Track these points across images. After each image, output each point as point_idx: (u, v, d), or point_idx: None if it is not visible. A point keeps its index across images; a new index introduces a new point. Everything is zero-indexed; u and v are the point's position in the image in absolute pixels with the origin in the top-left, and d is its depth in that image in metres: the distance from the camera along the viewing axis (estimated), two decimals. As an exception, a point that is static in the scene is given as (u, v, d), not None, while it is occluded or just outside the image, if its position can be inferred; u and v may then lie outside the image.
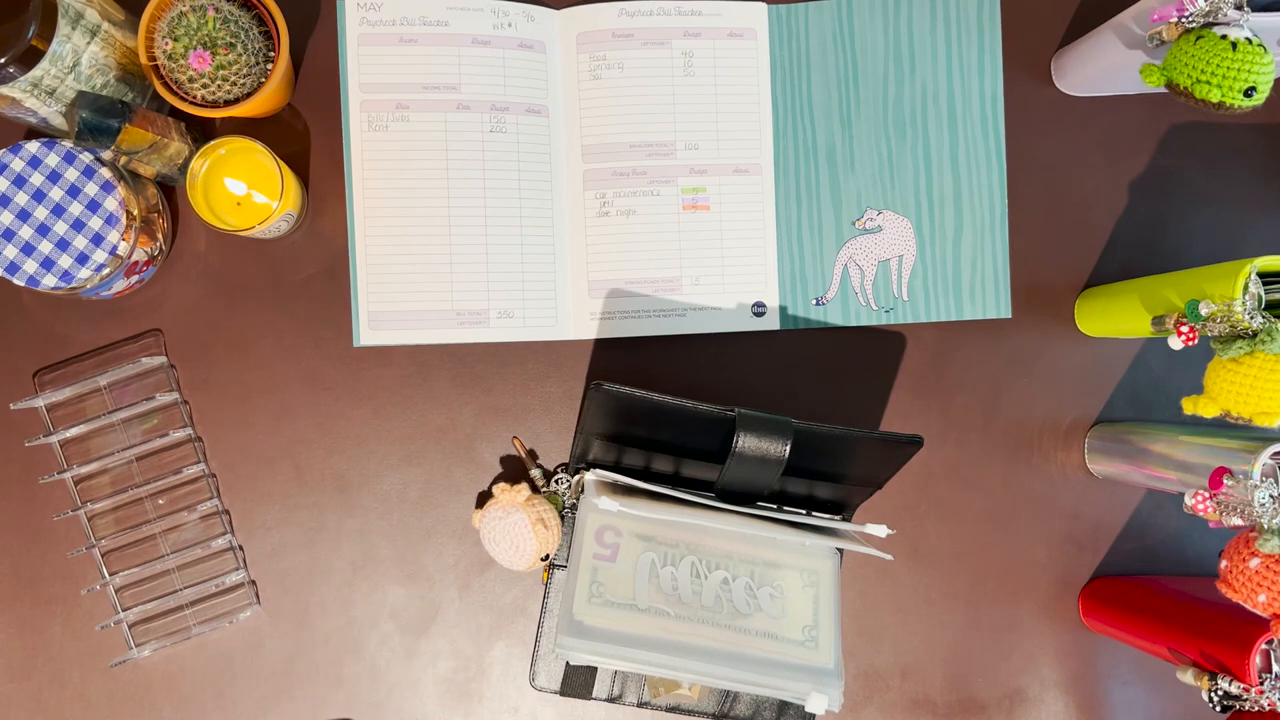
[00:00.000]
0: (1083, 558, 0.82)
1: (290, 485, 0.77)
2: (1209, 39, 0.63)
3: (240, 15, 0.67)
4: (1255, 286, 0.61)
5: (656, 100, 0.80)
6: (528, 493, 0.74)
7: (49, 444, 0.75)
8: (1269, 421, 0.61)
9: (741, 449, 0.67)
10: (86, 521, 0.75)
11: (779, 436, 0.66)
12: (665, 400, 0.65)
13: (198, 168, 0.70)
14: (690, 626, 0.68)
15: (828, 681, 0.68)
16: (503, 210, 0.78)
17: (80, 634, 0.76)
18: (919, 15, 0.81)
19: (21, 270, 0.68)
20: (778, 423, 0.66)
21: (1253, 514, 0.60)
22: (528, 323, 0.78)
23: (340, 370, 0.78)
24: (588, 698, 0.75)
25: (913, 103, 0.81)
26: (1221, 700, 0.65)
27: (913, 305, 0.81)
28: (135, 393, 0.76)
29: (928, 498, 0.81)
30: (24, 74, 0.63)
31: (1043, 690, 0.81)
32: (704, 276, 0.80)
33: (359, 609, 0.77)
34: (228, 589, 0.76)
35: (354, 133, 0.77)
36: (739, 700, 0.75)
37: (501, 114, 0.78)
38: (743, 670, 0.67)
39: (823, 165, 0.81)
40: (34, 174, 0.68)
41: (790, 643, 0.69)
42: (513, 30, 0.79)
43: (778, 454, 0.66)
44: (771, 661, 0.68)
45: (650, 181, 0.80)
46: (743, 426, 0.66)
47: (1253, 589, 0.60)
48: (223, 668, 0.76)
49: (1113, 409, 0.82)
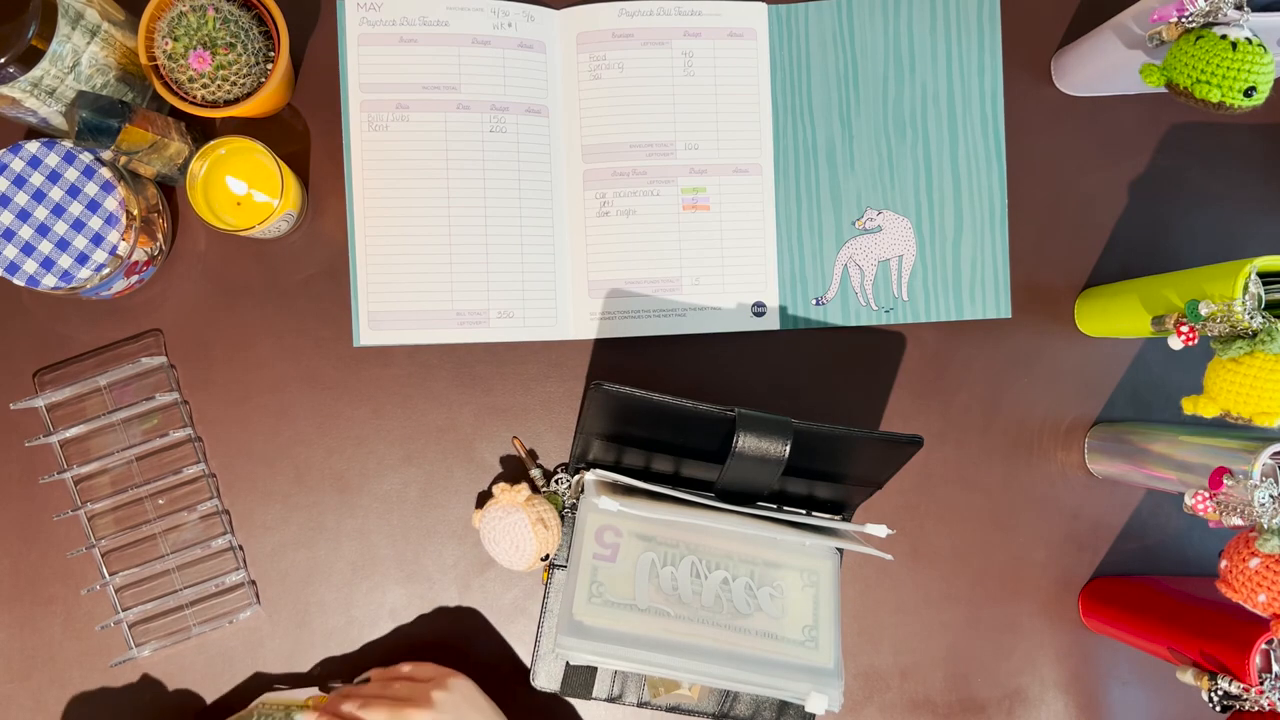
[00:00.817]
0: (1083, 558, 0.82)
1: (290, 485, 0.77)
2: (1209, 39, 0.63)
3: (240, 15, 0.67)
4: (1255, 286, 0.61)
5: (656, 100, 0.80)
6: (528, 493, 0.74)
7: (49, 444, 0.75)
8: (1269, 421, 0.61)
9: (741, 449, 0.67)
10: (86, 521, 0.75)
11: (779, 436, 0.66)
12: (665, 400, 0.65)
13: (198, 168, 0.70)
14: (690, 626, 0.68)
15: (827, 681, 0.68)
16: (503, 210, 0.78)
17: (80, 634, 0.76)
18: (919, 15, 0.81)
19: (21, 270, 0.68)
20: (778, 423, 0.66)
21: (1253, 514, 0.60)
22: (528, 323, 0.78)
23: (340, 370, 0.78)
24: (588, 698, 0.75)
25: (913, 103, 0.81)
26: (1221, 700, 0.65)
27: (913, 305, 0.81)
28: (135, 393, 0.76)
29: (928, 498, 0.81)
30: (24, 74, 0.63)
31: (1043, 690, 0.81)
32: (704, 276, 0.80)
33: (359, 609, 0.77)
34: (228, 589, 0.76)
35: (354, 133, 0.77)
36: (739, 700, 0.75)
37: (501, 114, 0.78)
38: (742, 670, 0.67)
39: (823, 165, 0.81)
40: (34, 174, 0.68)
41: (790, 643, 0.69)
42: (513, 30, 0.79)
43: (777, 454, 0.66)
44: (771, 661, 0.68)
45: (650, 181, 0.80)
46: (743, 426, 0.66)
47: (1253, 589, 0.60)
48: (223, 668, 0.76)
49: (1113, 409, 0.82)
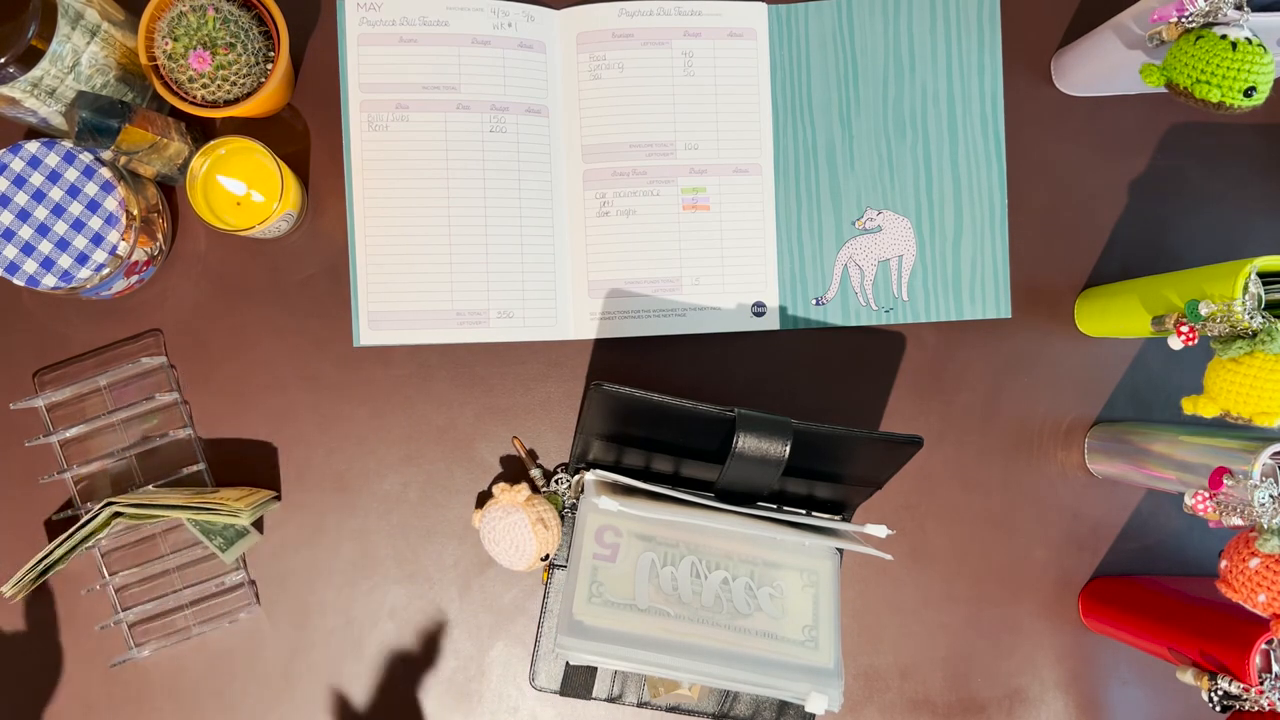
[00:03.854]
0: (1083, 558, 0.82)
1: (290, 485, 0.77)
2: (1209, 39, 0.63)
3: (240, 15, 0.67)
4: (1255, 286, 0.61)
5: (656, 100, 0.80)
6: (528, 493, 0.74)
7: (49, 444, 0.75)
8: (1269, 421, 0.61)
9: (741, 449, 0.67)
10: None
11: (779, 437, 0.66)
12: (665, 400, 0.65)
13: (198, 168, 0.70)
14: (690, 626, 0.68)
15: (827, 681, 0.68)
16: (503, 210, 0.78)
17: (80, 634, 0.76)
18: (919, 15, 0.81)
19: (21, 270, 0.68)
20: (777, 423, 0.66)
21: (1253, 514, 0.60)
22: (528, 323, 0.78)
23: (340, 370, 0.78)
24: (588, 698, 0.75)
25: (912, 103, 0.81)
26: (1221, 700, 0.65)
27: (913, 305, 0.81)
28: (135, 393, 0.76)
29: (928, 498, 0.81)
30: (24, 74, 0.63)
31: (1043, 690, 0.81)
32: (704, 276, 0.80)
33: (359, 609, 0.77)
34: (228, 589, 0.76)
35: (354, 133, 0.77)
36: (739, 700, 0.75)
37: (501, 114, 0.78)
38: (742, 670, 0.67)
39: (823, 165, 0.81)
40: (34, 174, 0.68)
41: (790, 643, 0.69)
42: (513, 30, 0.79)
43: (777, 454, 0.66)
44: (771, 661, 0.68)
45: (650, 181, 0.80)
46: (742, 427, 0.66)
47: (1253, 589, 0.60)
48: (223, 668, 0.76)
49: (1113, 409, 0.82)
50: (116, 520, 0.70)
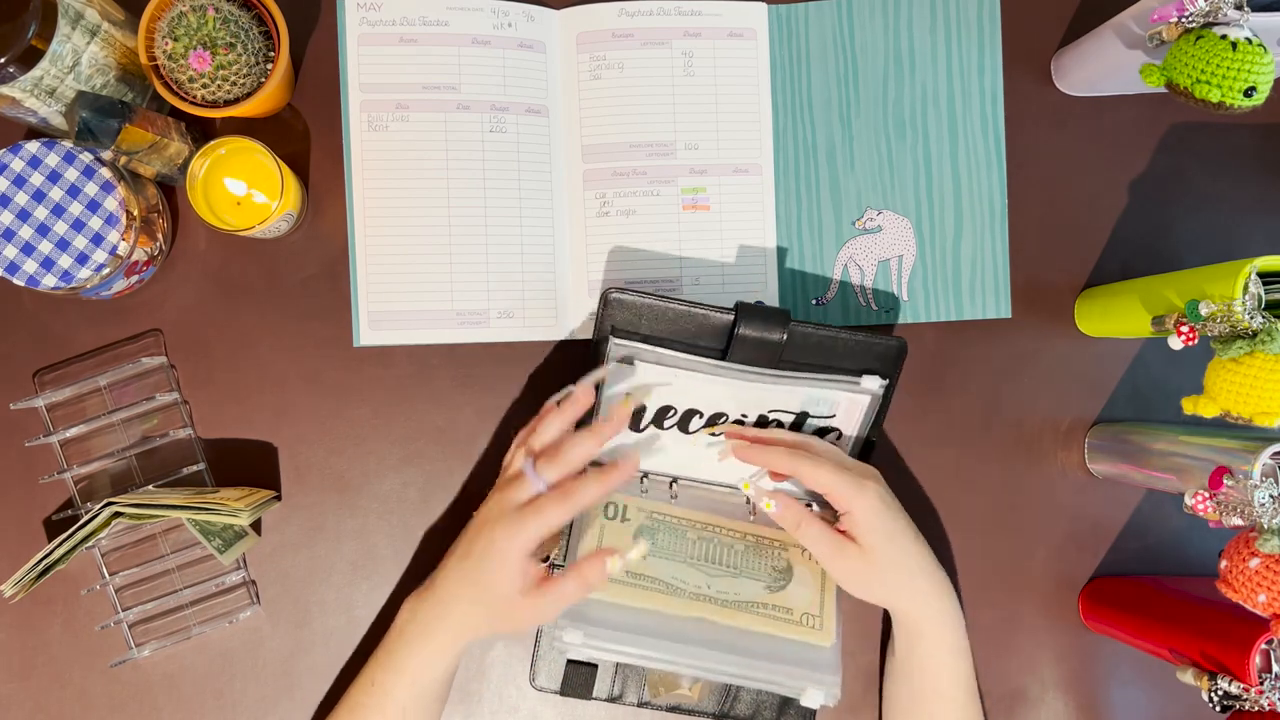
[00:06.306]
0: (1083, 558, 0.82)
1: (290, 485, 0.77)
2: (1209, 39, 0.63)
3: (240, 15, 0.67)
4: (1255, 286, 0.61)
5: (656, 100, 0.80)
6: (528, 493, 0.74)
7: (49, 444, 0.75)
8: (1269, 421, 0.61)
9: (743, 333, 0.70)
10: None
11: (776, 324, 0.70)
12: (671, 304, 0.71)
13: (198, 168, 0.70)
14: (691, 604, 0.70)
15: (827, 668, 0.69)
16: (503, 210, 0.78)
17: (80, 634, 0.76)
18: (919, 15, 0.81)
19: (21, 270, 0.68)
20: (775, 311, 0.71)
21: (1253, 514, 0.60)
22: (528, 323, 0.78)
23: (340, 370, 0.78)
24: (588, 698, 0.76)
25: (912, 103, 0.81)
26: (1221, 700, 0.65)
27: (913, 305, 0.81)
28: (135, 393, 0.76)
29: (928, 497, 0.81)
30: (24, 74, 0.63)
31: (1043, 690, 0.81)
32: (704, 276, 0.80)
33: (359, 609, 0.77)
34: (228, 589, 0.76)
35: (354, 133, 0.77)
36: (739, 700, 0.75)
37: (501, 114, 0.78)
38: (744, 654, 0.68)
39: (823, 165, 0.81)
40: (34, 174, 0.68)
41: (792, 622, 0.71)
42: (513, 30, 0.79)
43: (775, 338, 0.70)
44: (773, 638, 0.70)
45: (650, 181, 0.80)
46: (743, 315, 0.70)
47: (1253, 589, 0.60)
48: (223, 668, 0.76)
49: (1113, 409, 0.82)
50: (116, 520, 0.70)
